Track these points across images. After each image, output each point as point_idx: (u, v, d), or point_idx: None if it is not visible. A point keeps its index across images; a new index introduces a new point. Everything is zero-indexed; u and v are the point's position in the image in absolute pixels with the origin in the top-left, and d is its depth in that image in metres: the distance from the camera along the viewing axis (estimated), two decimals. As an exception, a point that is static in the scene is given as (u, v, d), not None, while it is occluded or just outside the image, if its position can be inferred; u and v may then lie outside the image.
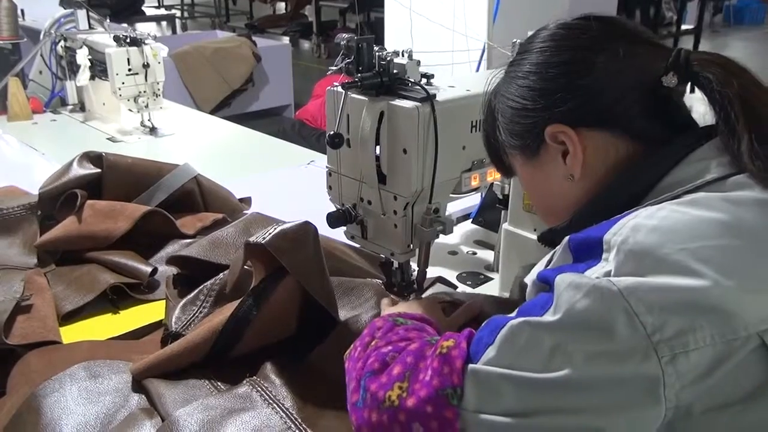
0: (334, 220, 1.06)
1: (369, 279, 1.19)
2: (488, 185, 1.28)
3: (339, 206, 1.08)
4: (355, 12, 7.89)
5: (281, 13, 9.71)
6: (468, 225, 1.60)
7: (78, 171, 1.49)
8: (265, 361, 0.98)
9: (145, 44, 2.17)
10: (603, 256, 0.62)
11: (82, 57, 2.32)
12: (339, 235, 1.16)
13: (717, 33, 9.82)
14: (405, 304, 1.00)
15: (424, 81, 1.00)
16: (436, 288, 1.25)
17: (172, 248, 1.40)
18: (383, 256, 1.10)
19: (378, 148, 0.99)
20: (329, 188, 1.10)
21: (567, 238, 0.67)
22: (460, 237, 1.56)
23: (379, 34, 3.07)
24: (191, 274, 1.23)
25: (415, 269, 1.12)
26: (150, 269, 1.29)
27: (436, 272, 1.36)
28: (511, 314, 0.66)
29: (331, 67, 1.02)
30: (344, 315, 1.07)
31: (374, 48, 0.99)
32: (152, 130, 2.34)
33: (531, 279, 0.70)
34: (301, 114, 4.05)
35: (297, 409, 0.89)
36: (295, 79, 5.52)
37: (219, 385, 0.97)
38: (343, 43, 0.99)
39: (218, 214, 1.54)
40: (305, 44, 8.75)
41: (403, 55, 0.99)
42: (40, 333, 1.10)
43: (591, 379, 0.58)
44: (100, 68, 2.29)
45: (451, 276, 1.38)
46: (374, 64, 0.98)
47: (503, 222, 1.25)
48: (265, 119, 5.07)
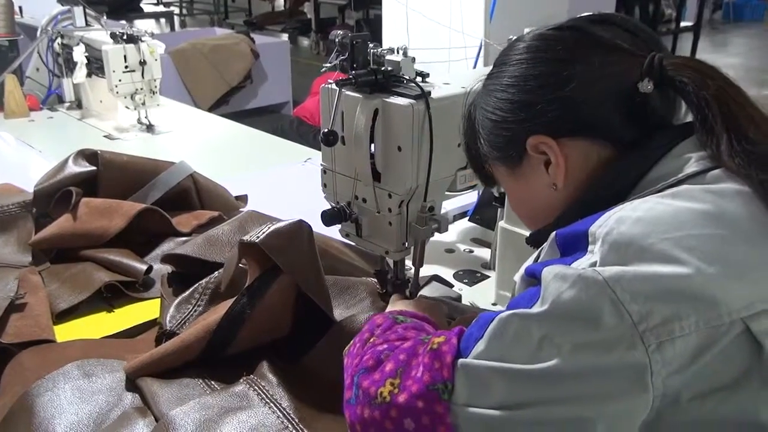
0: (328, 218, 1.06)
1: (364, 278, 1.19)
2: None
3: (334, 204, 1.08)
4: (354, 9, 7.88)
5: (280, 10, 9.71)
6: (465, 223, 1.60)
7: (73, 168, 1.48)
8: (260, 360, 0.98)
9: (141, 41, 2.17)
10: (589, 249, 0.63)
11: (79, 54, 2.31)
12: (334, 233, 1.15)
13: (716, 30, 9.81)
14: (409, 303, 1.01)
15: (419, 78, 1.00)
16: (431, 287, 1.24)
17: (168, 246, 1.40)
18: (379, 255, 1.09)
19: (372, 145, 0.98)
20: (324, 186, 1.10)
21: (553, 234, 0.69)
22: (457, 235, 1.55)
23: (377, 32, 3.06)
24: (186, 272, 1.23)
25: (409, 267, 1.11)
26: (145, 267, 1.28)
27: (433, 270, 1.36)
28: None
29: (325, 64, 1.01)
30: (339, 314, 1.07)
31: (369, 45, 0.98)
32: (149, 128, 2.34)
33: (519, 275, 0.70)
34: (299, 111, 4.04)
35: (294, 409, 0.89)
36: (293, 77, 5.52)
37: (213, 384, 0.96)
38: (337, 40, 0.98)
39: (214, 212, 1.53)
40: (304, 41, 8.73)
41: (398, 53, 0.99)
42: (33, 332, 1.10)
43: (579, 368, 0.59)
44: (96, 65, 2.29)
45: (448, 274, 1.37)
46: (369, 61, 0.98)
47: (499, 220, 1.25)
48: (264, 116, 5.07)
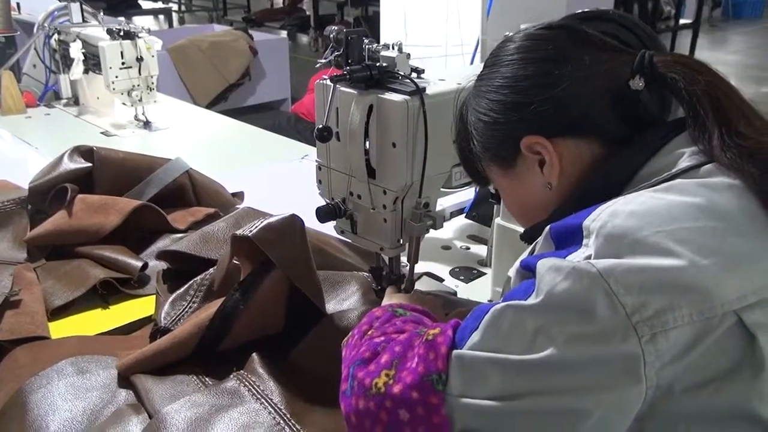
0: (323, 215, 1.05)
1: (356, 272, 1.18)
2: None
3: (328, 200, 1.07)
4: (352, 6, 7.87)
5: (278, 7, 9.69)
6: (461, 220, 1.59)
7: (69, 165, 1.48)
8: (251, 355, 0.98)
9: (138, 37, 2.16)
10: (583, 242, 0.63)
11: (76, 50, 2.31)
12: (329, 229, 1.15)
13: (715, 27, 9.80)
14: (405, 296, 1.01)
15: (414, 74, 0.99)
16: (423, 282, 1.24)
17: (163, 243, 1.40)
18: (374, 251, 1.09)
19: (367, 141, 0.98)
20: (319, 182, 1.09)
21: (548, 228, 0.69)
22: (453, 232, 1.55)
23: (376, 28, 3.05)
24: (181, 269, 1.22)
25: (405, 264, 1.11)
26: (140, 264, 1.28)
27: (429, 267, 1.36)
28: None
29: (320, 60, 1.01)
30: (331, 308, 1.07)
31: (364, 41, 0.98)
32: (146, 124, 2.33)
33: (514, 268, 0.71)
34: (297, 108, 4.03)
35: (285, 404, 0.89)
36: (292, 73, 5.51)
37: (206, 380, 0.96)
38: (332, 35, 0.98)
39: (210, 209, 1.53)
40: (303, 38, 8.71)
41: (393, 48, 0.98)
42: (28, 328, 1.10)
43: (573, 360, 0.59)
44: (93, 62, 2.29)
45: (444, 271, 1.37)
46: (364, 57, 0.97)
47: (496, 217, 1.25)
48: (262, 113, 5.06)
